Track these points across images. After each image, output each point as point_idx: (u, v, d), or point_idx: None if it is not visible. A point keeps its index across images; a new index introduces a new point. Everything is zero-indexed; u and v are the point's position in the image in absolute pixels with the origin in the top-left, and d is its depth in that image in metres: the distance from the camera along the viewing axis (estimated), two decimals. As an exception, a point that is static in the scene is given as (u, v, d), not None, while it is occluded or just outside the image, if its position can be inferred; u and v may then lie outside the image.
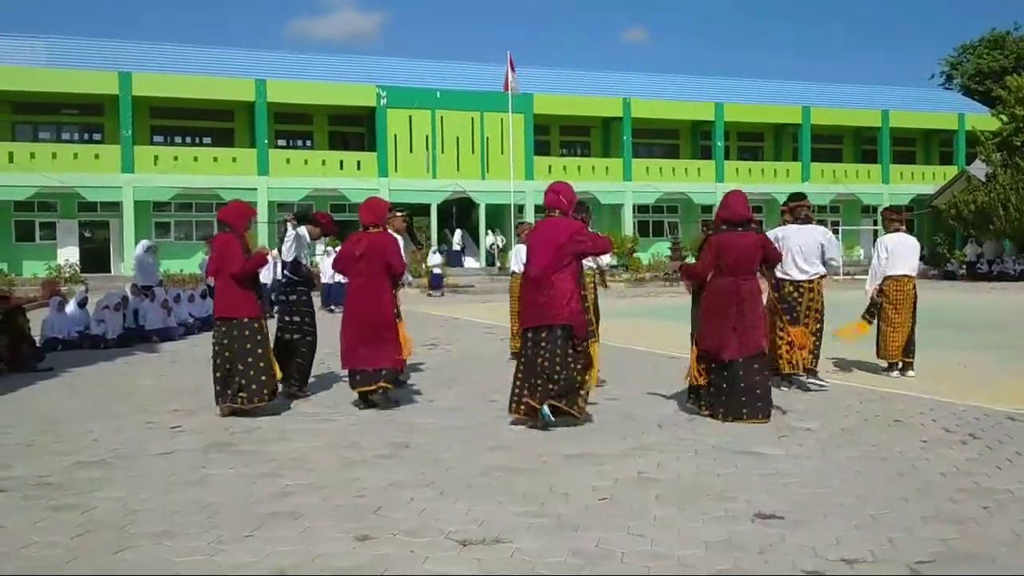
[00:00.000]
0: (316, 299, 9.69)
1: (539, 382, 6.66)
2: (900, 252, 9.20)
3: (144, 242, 18.74)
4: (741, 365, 6.94)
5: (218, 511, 4.67)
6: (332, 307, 19.69)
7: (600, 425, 6.81)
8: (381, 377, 7.62)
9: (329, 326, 10.54)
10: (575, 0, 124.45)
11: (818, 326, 8.56)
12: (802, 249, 8.48)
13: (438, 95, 37.88)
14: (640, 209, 42.05)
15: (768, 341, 7.56)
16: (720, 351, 6.96)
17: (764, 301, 7.54)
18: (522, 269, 9.97)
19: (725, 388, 6.98)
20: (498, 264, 36.71)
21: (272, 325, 8.04)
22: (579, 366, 6.75)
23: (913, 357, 9.23)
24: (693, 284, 7.45)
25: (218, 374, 7.46)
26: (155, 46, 40.21)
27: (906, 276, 9.20)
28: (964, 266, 36.46)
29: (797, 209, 8.73)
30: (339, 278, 19.62)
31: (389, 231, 8.19)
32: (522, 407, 6.77)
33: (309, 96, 36.76)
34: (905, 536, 4.14)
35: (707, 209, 42.50)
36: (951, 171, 43.91)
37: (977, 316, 17.16)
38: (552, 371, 6.64)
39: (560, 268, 6.73)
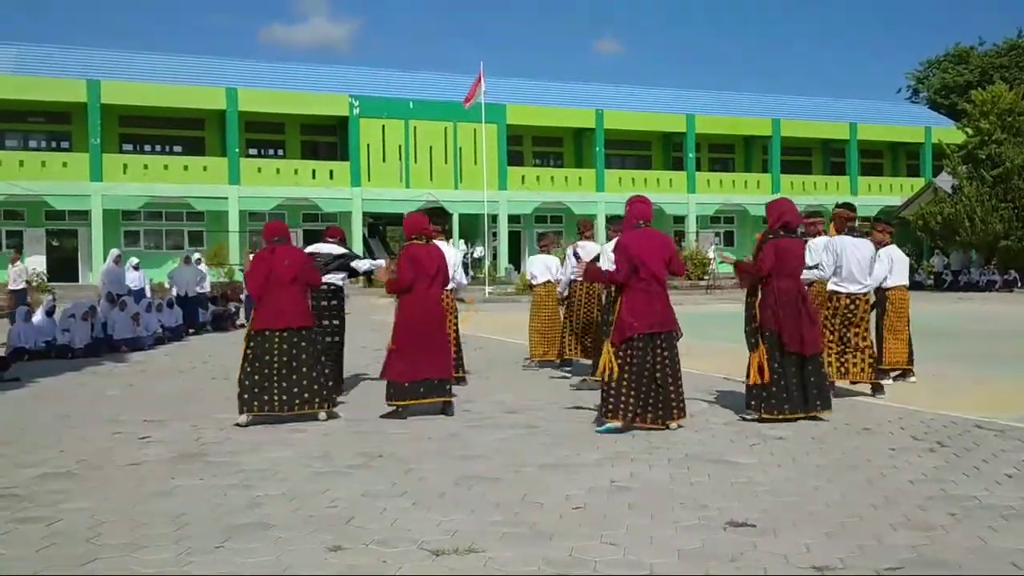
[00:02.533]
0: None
1: (658, 395, 6.86)
2: (900, 264, 9.67)
3: (113, 251, 18.57)
4: (811, 360, 7.32)
5: (187, 522, 4.62)
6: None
7: (574, 434, 6.83)
8: (446, 391, 7.79)
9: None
10: (549, 12, 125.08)
11: (870, 339, 8.59)
12: (860, 262, 8.43)
13: (411, 105, 37.89)
14: (613, 219, 42.11)
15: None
16: (803, 346, 7.26)
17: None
18: (565, 277, 10.54)
19: (797, 384, 7.24)
20: (471, 274, 36.66)
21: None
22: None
23: (913, 363, 9.71)
24: (748, 284, 7.60)
25: (275, 382, 7.36)
26: (124, 54, 39.93)
27: (905, 286, 9.75)
28: (932, 277, 36.94)
29: (846, 222, 8.63)
30: None
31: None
32: (628, 415, 6.82)
33: (281, 105, 36.62)
34: (875, 543, 4.18)
35: (679, 220, 42.81)
36: (918, 183, 44.53)
37: (946, 326, 17.37)
38: (674, 382, 6.92)
39: (664, 277, 7.05)
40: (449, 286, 9.43)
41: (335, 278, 8.94)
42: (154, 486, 5.41)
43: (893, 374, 9.53)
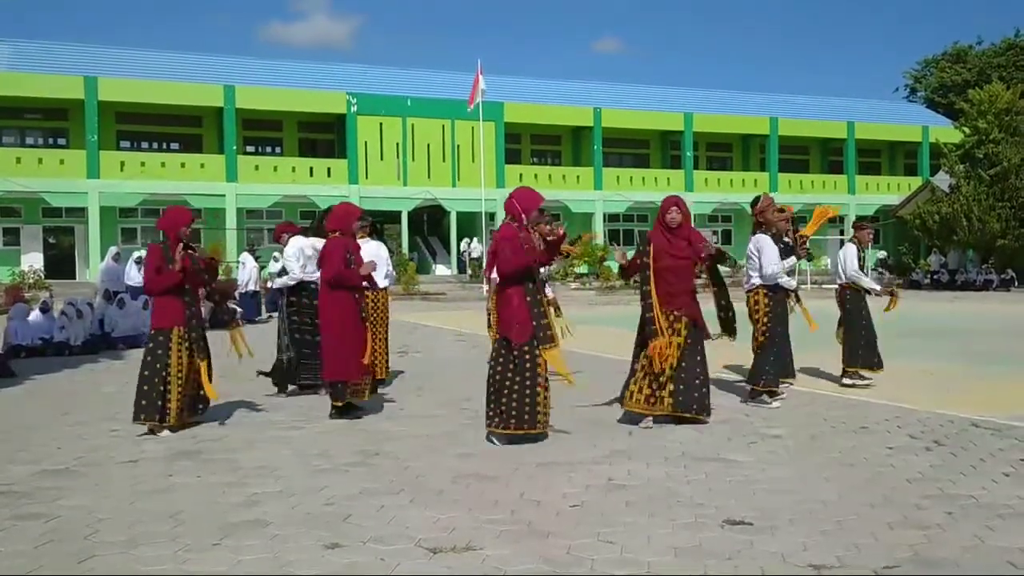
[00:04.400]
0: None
1: (508, 402, 6.35)
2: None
3: (112, 248, 18.56)
4: (687, 359, 7.28)
5: (185, 520, 4.62)
6: (255, 318, 18.77)
7: (571, 432, 6.82)
8: (368, 387, 7.67)
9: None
10: (547, 10, 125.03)
11: (763, 339, 8.20)
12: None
13: (409, 102, 37.84)
14: (611, 218, 42.23)
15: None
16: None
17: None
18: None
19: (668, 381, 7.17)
20: (469, 272, 36.65)
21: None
22: (520, 378, 6.33)
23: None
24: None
25: (180, 387, 7.14)
26: (122, 50, 39.78)
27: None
28: (929, 276, 36.99)
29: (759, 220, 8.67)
30: (252, 287, 19.33)
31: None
32: (492, 424, 6.50)
33: (279, 102, 36.54)
34: (871, 542, 4.18)
35: (676, 218, 42.70)
36: (915, 182, 44.55)
37: (942, 325, 17.40)
38: (502, 387, 6.38)
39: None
40: (382, 284, 9.38)
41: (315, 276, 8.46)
42: (151, 483, 5.41)
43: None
